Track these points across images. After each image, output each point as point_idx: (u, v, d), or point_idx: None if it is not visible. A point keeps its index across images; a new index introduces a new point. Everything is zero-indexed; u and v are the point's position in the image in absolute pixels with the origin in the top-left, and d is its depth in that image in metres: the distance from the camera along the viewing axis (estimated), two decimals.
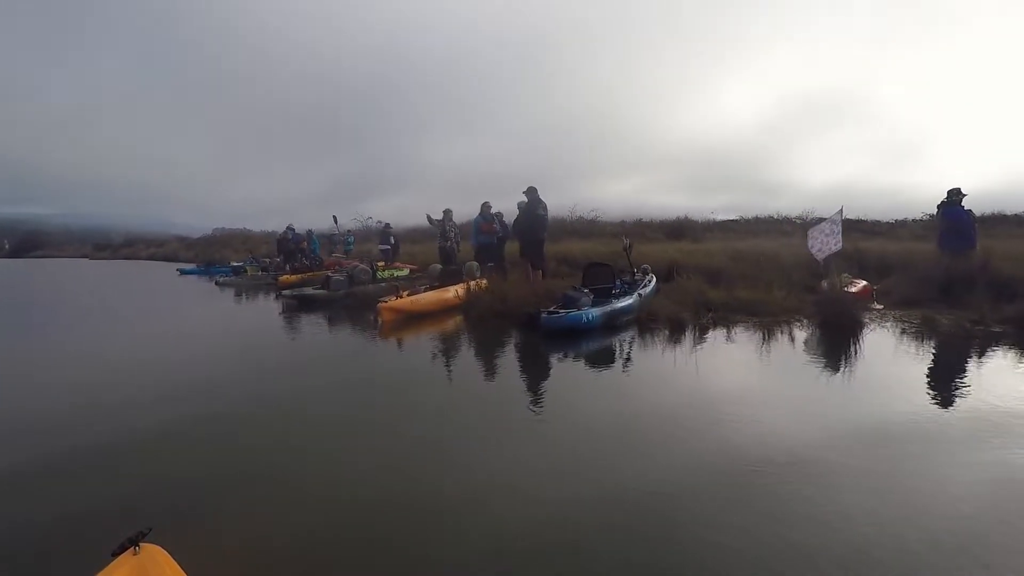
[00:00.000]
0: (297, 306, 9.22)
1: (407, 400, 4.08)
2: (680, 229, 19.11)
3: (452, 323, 7.24)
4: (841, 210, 9.22)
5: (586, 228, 20.57)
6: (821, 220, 9.98)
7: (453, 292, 7.77)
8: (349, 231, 20.45)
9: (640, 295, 6.98)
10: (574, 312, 6.02)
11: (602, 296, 6.71)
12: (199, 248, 31.88)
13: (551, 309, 6.23)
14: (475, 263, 8.78)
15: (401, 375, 4.89)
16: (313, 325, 7.60)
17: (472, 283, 8.14)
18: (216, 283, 14.64)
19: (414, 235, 21.62)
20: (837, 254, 9.13)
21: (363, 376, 4.87)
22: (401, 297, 7.17)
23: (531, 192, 8.96)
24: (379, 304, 6.94)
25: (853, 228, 17.84)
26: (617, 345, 5.74)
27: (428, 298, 7.44)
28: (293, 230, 17.66)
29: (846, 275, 8.40)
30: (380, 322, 6.97)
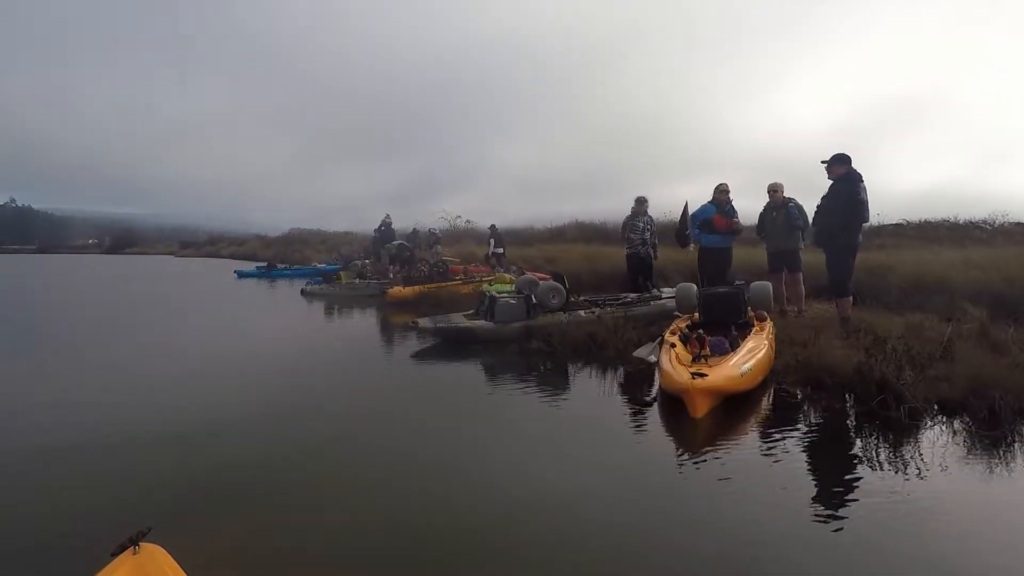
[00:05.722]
0: (439, 343, 5.79)
1: None
2: None
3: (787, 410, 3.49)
4: None
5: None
6: None
7: (768, 343, 3.92)
8: (432, 230, 16.46)
9: None
10: None
11: None
12: (277, 247, 30.51)
13: None
14: (769, 284, 4.91)
15: None
16: (484, 383, 4.13)
17: (771, 325, 4.35)
18: (302, 292, 11.45)
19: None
20: None
21: None
22: (706, 361, 3.36)
23: (841, 160, 5.13)
24: (691, 384, 3.12)
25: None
26: None
27: (753, 363, 3.49)
28: (389, 224, 13.92)
29: None
30: (694, 414, 3.22)
